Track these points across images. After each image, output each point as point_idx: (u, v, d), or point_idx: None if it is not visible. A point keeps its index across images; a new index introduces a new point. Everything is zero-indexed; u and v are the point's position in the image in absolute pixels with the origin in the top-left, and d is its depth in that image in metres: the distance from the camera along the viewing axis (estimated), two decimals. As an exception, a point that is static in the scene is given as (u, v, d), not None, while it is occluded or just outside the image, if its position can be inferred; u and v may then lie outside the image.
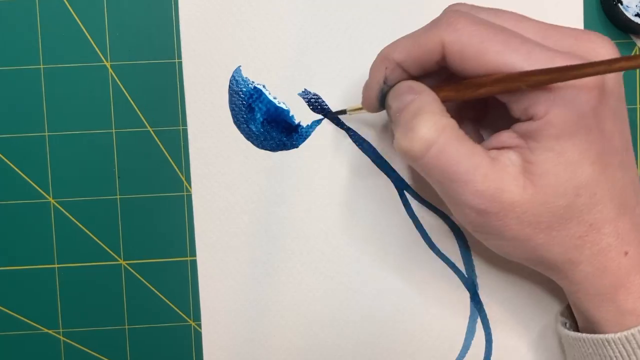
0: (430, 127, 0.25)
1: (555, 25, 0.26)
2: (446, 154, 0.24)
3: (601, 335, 0.27)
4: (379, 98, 0.27)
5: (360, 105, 0.29)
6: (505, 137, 0.26)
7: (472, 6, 0.27)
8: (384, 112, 0.28)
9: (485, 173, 0.24)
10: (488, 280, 0.33)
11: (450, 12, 0.26)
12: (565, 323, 0.30)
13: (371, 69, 0.27)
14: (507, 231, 0.25)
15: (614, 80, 0.25)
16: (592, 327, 0.28)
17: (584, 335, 0.28)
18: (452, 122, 0.25)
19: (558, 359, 0.33)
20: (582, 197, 0.25)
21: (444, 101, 0.26)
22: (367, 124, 0.33)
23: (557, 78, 0.23)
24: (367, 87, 0.28)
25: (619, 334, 0.26)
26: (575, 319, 0.30)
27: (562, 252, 0.26)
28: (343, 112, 0.32)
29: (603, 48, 0.25)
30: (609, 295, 0.26)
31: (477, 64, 0.24)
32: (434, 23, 0.26)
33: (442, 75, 0.27)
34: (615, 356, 0.26)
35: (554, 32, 0.25)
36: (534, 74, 0.23)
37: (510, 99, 0.25)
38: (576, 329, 0.30)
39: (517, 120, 0.25)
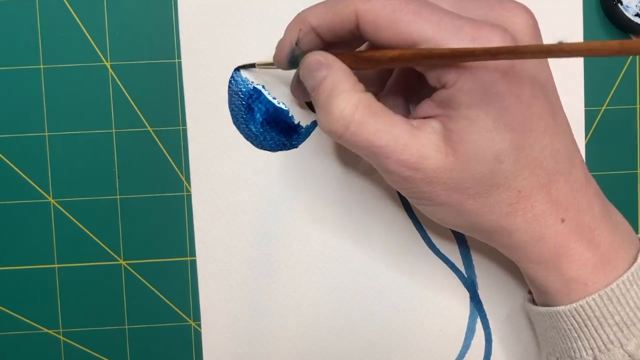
0: (344, 106, 0.25)
1: None
2: (364, 129, 0.25)
3: (553, 308, 0.27)
4: (289, 58, 0.28)
5: (270, 61, 0.30)
6: (427, 106, 0.26)
7: None
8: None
9: (405, 143, 0.25)
10: (488, 280, 0.33)
11: None
12: (532, 300, 0.30)
13: (286, 29, 0.28)
14: (436, 197, 0.26)
15: (529, 43, 0.25)
16: (545, 299, 0.28)
17: (540, 308, 0.28)
18: (367, 96, 0.25)
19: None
20: (505, 164, 0.25)
21: (354, 69, 0.26)
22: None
23: (465, 58, 0.23)
24: (279, 45, 0.28)
25: (568, 306, 0.26)
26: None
27: (495, 219, 0.26)
28: (252, 65, 0.32)
29: (517, 16, 0.25)
30: (552, 263, 0.26)
31: (389, 33, 0.24)
32: None
33: (354, 44, 0.28)
34: (568, 328, 0.27)
35: (469, 2, 0.25)
36: (441, 53, 0.23)
37: (424, 68, 0.25)
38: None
39: (435, 89, 0.26)
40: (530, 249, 0.26)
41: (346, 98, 0.25)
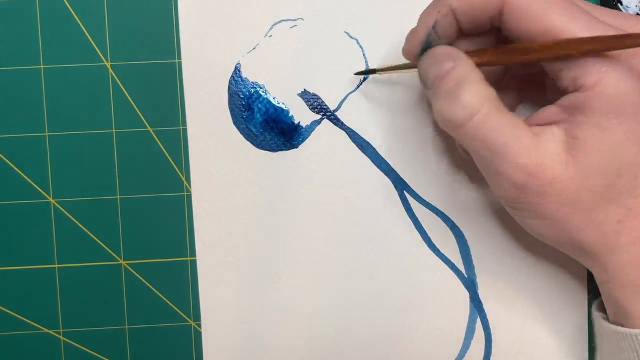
0: (473, 95, 0.24)
1: (606, 8, 0.26)
2: (488, 124, 0.24)
3: (635, 330, 0.26)
4: (423, 45, 0.27)
5: (391, 65, 0.29)
6: (550, 112, 0.25)
7: None
8: (385, 109, 0.28)
9: (527, 146, 0.24)
10: (488, 280, 0.33)
11: None
12: (603, 317, 0.29)
13: (422, 14, 0.27)
14: (544, 209, 0.25)
15: None
16: (623, 320, 0.27)
17: (619, 328, 0.27)
18: (494, 92, 0.25)
19: (558, 359, 0.33)
20: (624, 179, 0.24)
21: (486, 65, 0.26)
22: (366, 124, 0.33)
23: (612, 46, 0.23)
24: (413, 32, 0.27)
25: None
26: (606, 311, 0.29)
27: (599, 237, 0.25)
28: (373, 71, 0.31)
29: None
30: None
31: (534, 25, 0.24)
32: None
33: (479, 41, 0.27)
34: None
35: (607, 13, 0.26)
36: (587, 42, 0.23)
37: (559, 68, 0.25)
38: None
39: (563, 93, 0.25)
40: (627, 270, 0.25)
41: (476, 88, 0.24)
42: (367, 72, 0.32)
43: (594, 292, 0.33)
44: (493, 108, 0.24)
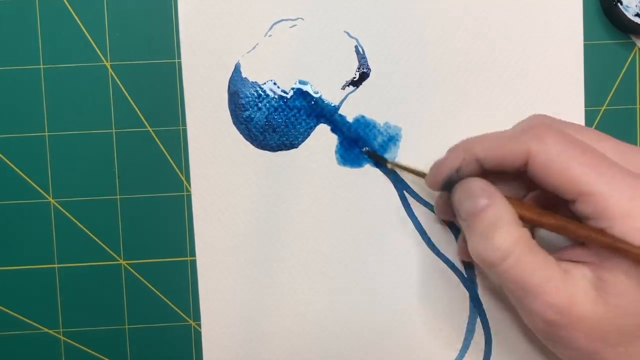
0: (506, 238, 0.25)
1: (632, 146, 0.26)
2: (521, 265, 0.25)
3: None
4: (445, 183, 0.28)
5: (413, 168, 0.30)
6: (580, 252, 0.26)
7: (557, 119, 0.27)
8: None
9: (557, 286, 0.25)
10: (488, 280, 0.33)
11: (539, 124, 0.26)
12: None
13: (449, 152, 0.28)
14: (574, 342, 0.25)
15: None
16: None
17: None
18: (526, 233, 0.26)
19: (558, 358, 0.33)
20: None
21: (521, 218, 0.26)
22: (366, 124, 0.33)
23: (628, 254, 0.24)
24: (437, 167, 0.28)
25: None
26: None
27: None
28: (384, 160, 0.32)
29: None
30: None
31: (559, 180, 0.25)
32: (522, 131, 0.26)
33: (511, 179, 0.28)
34: None
35: (631, 153, 0.26)
36: (614, 243, 0.24)
37: (589, 217, 0.25)
38: None
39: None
40: None
41: (509, 231, 0.25)
42: (378, 159, 0.33)
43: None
44: (526, 250, 0.25)
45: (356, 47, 0.33)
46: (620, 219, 0.24)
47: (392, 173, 0.33)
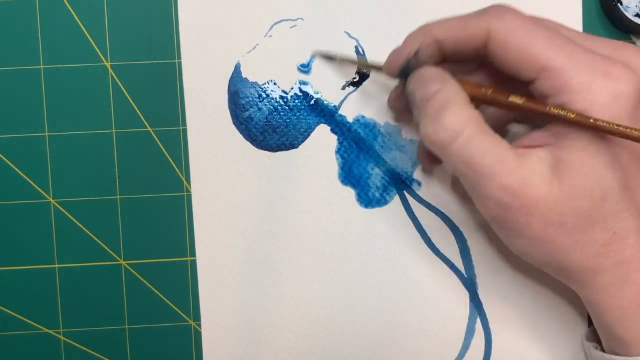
0: (456, 118, 0.25)
1: (593, 35, 0.26)
2: (471, 145, 0.24)
3: (630, 358, 0.26)
4: (402, 67, 0.27)
5: (377, 64, 0.29)
6: (537, 135, 0.26)
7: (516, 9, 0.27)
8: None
9: (511, 167, 0.24)
10: (488, 280, 0.33)
11: (498, 5, 0.26)
12: (595, 347, 0.29)
13: (407, 37, 0.27)
14: (529, 229, 0.25)
15: None
16: (615, 346, 0.27)
17: (613, 357, 0.27)
18: (478, 115, 0.25)
19: (557, 358, 0.33)
20: (608, 202, 0.24)
21: (472, 98, 0.26)
22: (366, 124, 0.33)
23: (588, 126, 0.24)
24: (395, 52, 0.28)
25: None
26: (600, 340, 0.28)
27: (584, 259, 0.25)
28: (331, 58, 0.32)
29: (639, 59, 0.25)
30: (632, 309, 0.25)
31: (519, 56, 0.24)
32: (482, 11, 0.26)
33: (464, 69, 0.28)
34: None
35: (595, 41, 0.26)
36: (571, 120, 0.24)
37: (548, 94, 0.25)
38: (601, 349, 0.28)
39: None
40: (613, 292, 0.25)
41: (458, 110, 0.25)
42: (327, 56, 0.32)
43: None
44: (477, 130, 0.25)
45: (356, 47, 0.33)
46: (580, 92, 0.24)
47: (392, 173, 0.33)
